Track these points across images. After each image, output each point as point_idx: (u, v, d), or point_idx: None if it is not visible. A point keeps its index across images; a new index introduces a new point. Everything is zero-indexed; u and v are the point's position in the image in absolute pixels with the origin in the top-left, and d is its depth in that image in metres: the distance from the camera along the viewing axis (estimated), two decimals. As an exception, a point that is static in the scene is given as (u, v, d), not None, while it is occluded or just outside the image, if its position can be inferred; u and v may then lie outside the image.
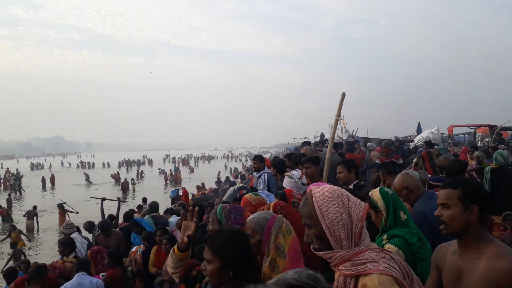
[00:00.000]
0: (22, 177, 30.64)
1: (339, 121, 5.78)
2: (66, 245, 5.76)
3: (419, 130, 17.30)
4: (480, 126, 18.31)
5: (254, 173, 6.14)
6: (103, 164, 56.11)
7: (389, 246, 2.40)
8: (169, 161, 66.59)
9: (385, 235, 2.54)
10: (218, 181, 17.96)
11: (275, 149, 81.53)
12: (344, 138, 21.22)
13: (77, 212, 15.69)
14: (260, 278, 1.98)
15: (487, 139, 17.01)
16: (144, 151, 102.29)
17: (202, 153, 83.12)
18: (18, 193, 29.54)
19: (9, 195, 23.33)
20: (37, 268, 4.98)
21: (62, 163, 67.42)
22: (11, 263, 10.05)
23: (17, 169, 35.98)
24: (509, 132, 17.38)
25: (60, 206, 16.70)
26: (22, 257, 10.59)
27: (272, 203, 2.71)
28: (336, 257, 1.52)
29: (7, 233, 13.48)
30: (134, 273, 5.72)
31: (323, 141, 13.12)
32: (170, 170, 39.28)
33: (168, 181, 34.80)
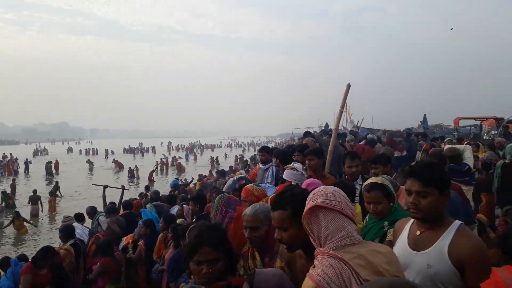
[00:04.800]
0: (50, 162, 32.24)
1: (345, 112, 5.70)
2: (64, 232, 5.86)
3: (424, 122, 17.13)
4: (486, 118, 18.12)
5: (261, 165, 6.01)
6: (111, 151, 56.16)
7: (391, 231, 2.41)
8: (172, 149, 66.61)
9: (386, 221, 2.55)
10: (222, 171, 18.05)
11: (279, 139, 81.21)
12: (349, 128, 21.08)
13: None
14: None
15: (493, 132, 16.84)
16: (148, 139, 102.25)
17: (197, 141, 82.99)
18: (51, 175, 30.99)
19: (13, 180, 23.38)
20: (43, 250, 5.02)
21: (72, 149, 67.59)
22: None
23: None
24: (516, 125, 17.16)
25: (51, 194, 17.97)
26: None
27: (270, 197, 2.65)
28: None
29: (11, 220, 13.56)
30: (133, 261, 5.72)
31: (326, 131, 12.97)
32: (174, 157, 39.42)
33: (168, 169, 34.93)
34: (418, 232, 1.99)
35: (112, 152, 55.16)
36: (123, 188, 10.35)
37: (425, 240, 1.94)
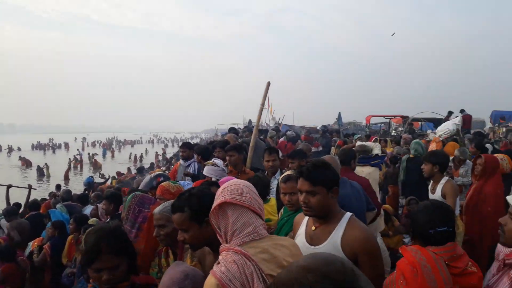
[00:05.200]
0: None
1: (267, 109, 5.82)
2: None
3: (339, 119, 18.22)
4: (394, 116, 19.74)
5: (182, 162, 5.89)
6: (17, 147, 51.03)
7: None
8: (88, 145, 62.83)
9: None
10: (141, 168, 17.26)
11: (204, 135, 79.92)
12: (271, 125, 21.62)
13: None
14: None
15: (400, 129, 18.37)
16: (60, 134, 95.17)
17: (115, 136, 79.31)
18: None
19: None
20: None
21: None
22: None
23: None
24: (419, 122, 18.96)
25: None
26: None
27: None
28: None
29: None
30: (36, 265, 5.30)
31: (249, 128, 13.16)
32: (89, 154, 37.23)
33: (83, 167, 32.86)
34: (313, 227, 2.11)
35: (19, 149, 50.40)
36: (30, 187, 9.52)
37: (320, 234, 2.06)
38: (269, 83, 6.30)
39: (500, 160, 4.57)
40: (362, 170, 4.54)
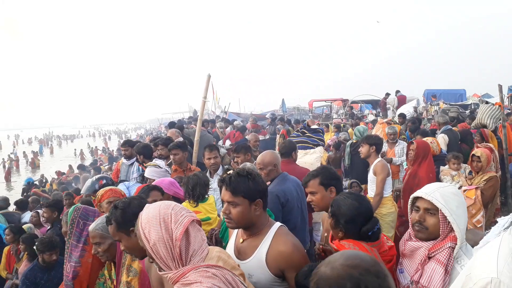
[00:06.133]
0: None
1: (210, 102, 5.76)
2: None
3: (283, 105, 18.60)
4: (335, 100, 20.46)
5: (124, 160, 5.67)
6: None
7: None
8: (23, 142, 58.87)
9: None
10: (82, 166, 16.27)
11: (149, 125, 76.76)
12: (217, 113, 21.58)
13: None
14: None
15: (341, 111, 19.09)
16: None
17: (50, 131, 74.92)
18: None
19: None
20: None
21: None
22: None
23: None
24: (359, 104, 19.81)
25: None
26: None
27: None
28: (168, 279, 1.49)
29: None
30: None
31: (195, 118, 13.04)
32: (24, 152, 34.96)
33: (19, 167, 30.71)
34: (241, 240, 2.02)
35: None
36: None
37: (246, 248, 1.98)
38: (209, 76, 6.24)
39: (430, 143, 4.94)
40: (305, 162, 4.70)
